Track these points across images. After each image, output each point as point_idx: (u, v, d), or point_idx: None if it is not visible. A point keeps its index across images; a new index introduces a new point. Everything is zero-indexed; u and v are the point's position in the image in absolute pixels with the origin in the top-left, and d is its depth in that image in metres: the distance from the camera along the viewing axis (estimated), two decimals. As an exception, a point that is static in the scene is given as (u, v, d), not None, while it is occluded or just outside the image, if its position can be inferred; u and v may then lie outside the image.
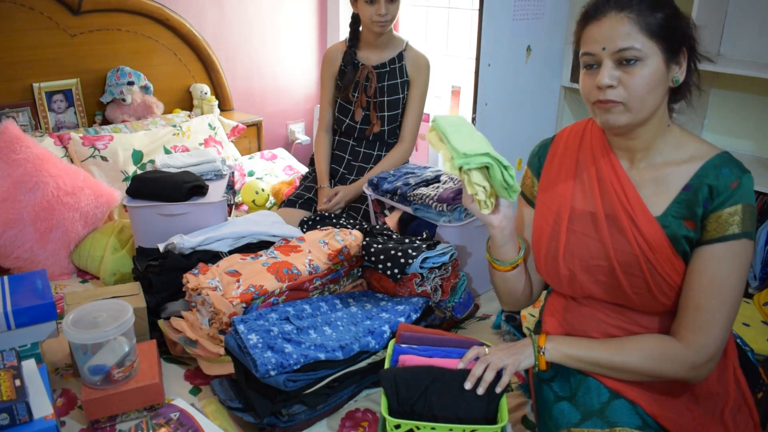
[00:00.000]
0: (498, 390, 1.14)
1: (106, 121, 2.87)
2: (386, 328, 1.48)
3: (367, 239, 1.75)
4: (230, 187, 2.32)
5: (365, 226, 1.98)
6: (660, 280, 1.12)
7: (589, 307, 1.25)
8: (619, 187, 1.16)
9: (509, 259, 1.28)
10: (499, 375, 1.16)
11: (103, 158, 2.53)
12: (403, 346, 1.31)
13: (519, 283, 1.32)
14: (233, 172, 2.40)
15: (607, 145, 1.21)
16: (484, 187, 1.19)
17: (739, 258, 1.08)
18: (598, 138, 1.22)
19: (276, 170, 3.03)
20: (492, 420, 1.15)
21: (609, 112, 1.09)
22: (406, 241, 1.73)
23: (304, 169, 2.99)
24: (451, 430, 1.14)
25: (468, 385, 1.15)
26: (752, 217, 1.08)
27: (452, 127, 1.25)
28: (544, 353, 1.18)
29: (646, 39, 1.05)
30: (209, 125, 2.92)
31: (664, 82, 1.09)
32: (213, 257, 1.76)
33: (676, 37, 1.07)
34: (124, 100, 2.83)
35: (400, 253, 1.63)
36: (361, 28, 2.33)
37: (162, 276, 1.67)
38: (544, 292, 1.45)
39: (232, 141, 3.04)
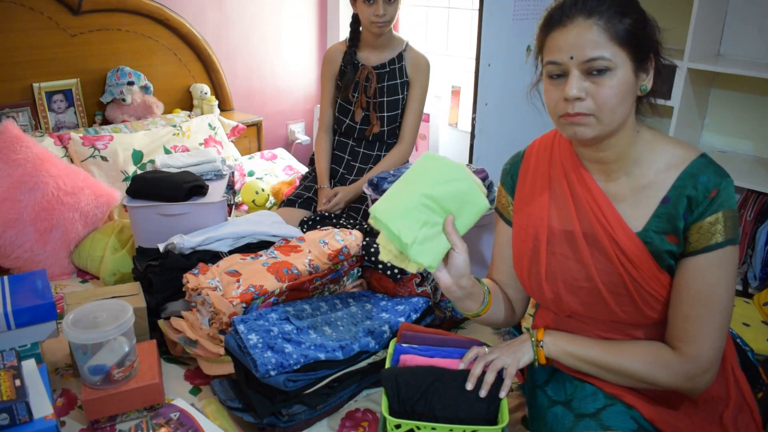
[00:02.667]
0: (502, 394, 1.13)
1: (106, 121, 2.87)
2: (386, 328, 1.48)
3: (367, 239, 1.75)
4: (230, 187, 2.32)
5: (365, 226, 1.98)
6: (646, 295, 1.09)
7: (578, 321, 1.21)
8: (594, 203, 1.10)
9: (471, 312, 1.23)
10: (500, 376, 1.16)
11: (103, 158, 2.53)
12: (405, 345, 1.31)
13: (494, 315, 1.28)
14: (233, 172, 2.40)
15: (576, 159, 1.14)
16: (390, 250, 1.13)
17: (725, 265, 1.04)
18: (567, 151, 1.15)
19: (276, 170, 3.03)
20: (493, 420, 1.15)
21: (578, 125, 1.02)
22: (406, 241, 1.73)
23: (304, 169, 2.99)
24: (451, 430, 1.13)
25: (469, 386, 1.15)
26: (734, 222, 1.04)
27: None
28: (542, 346, 1.17)
29: (615, 47, 0.99)
30: (209, 125, 2.92)
31: (633, 92, 1.04)
32: (213, 257, 1.76)
33: (644, 43, 1.02)
34: (124, 100, 2.83)
35: (400, 253, 1.63)
36: (361, 29, 2.33)
37: (162, 276, 1.67)
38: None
39: (232, 141, 3.04)
